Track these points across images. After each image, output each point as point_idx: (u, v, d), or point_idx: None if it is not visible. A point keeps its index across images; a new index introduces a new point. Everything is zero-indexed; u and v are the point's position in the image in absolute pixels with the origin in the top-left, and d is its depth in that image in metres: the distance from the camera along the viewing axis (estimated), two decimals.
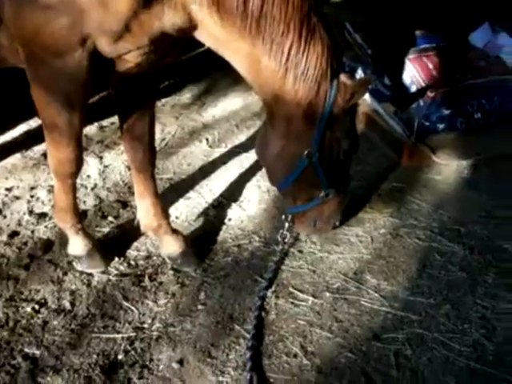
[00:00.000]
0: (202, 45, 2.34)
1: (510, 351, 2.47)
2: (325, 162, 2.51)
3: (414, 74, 3.93)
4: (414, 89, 3.86)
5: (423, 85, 3.86)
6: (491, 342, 2.50)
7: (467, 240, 3.11)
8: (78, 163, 2.58)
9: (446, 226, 3.23)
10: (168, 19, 2.05)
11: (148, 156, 2.77)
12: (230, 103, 4.68)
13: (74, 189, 2.76)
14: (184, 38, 2.20)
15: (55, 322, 2.60)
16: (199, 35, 2.19)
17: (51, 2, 1.99)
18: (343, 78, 2.32)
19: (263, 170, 3.66)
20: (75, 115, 2.36)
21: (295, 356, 2.45)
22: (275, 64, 2.19)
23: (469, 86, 3.85)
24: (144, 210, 2.96)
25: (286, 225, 2.90)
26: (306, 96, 2.27)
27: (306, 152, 2.45)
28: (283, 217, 2.97)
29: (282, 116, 2.37)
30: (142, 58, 2.20)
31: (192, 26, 2.13)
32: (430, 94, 3.75)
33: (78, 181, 3.07)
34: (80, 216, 2.92)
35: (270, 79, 2.24)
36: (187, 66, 4.94)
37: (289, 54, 2.17)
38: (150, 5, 2.00)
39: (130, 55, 2.17)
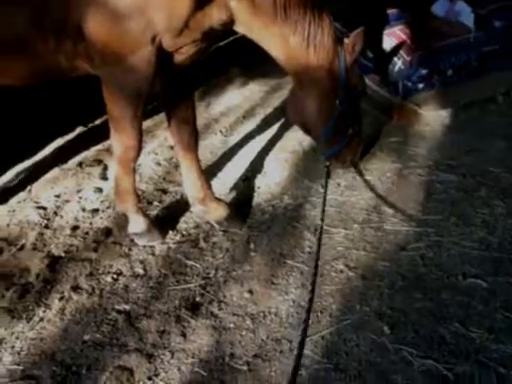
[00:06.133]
0: None
1: (509, 240, 3.12)
2: (350, 105, 3.15)
3: (391, 45, 4.59)
4: (393, 59, 4.52)
5: (401, 53, 4.51)
6: (493, 236, 3.14)
7: (459, 169, 3.77)
8: (140, 148, 3.08)
9: (439, 162, 3.89)
10: (216, 16, 2.64)
11: (193, 135, 3.31)
12: (231, 99, 5.26)
13: (134, 172, 3.25)
14: (224, 31, 2.78)
15: (134, 285, 3.04)
16: (238, 27, 2.80)
17: (129, 13, 2.54)
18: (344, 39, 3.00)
19: (277, 145, 4.28)
20: (140, 107, 2.88)
21: (341, 271, 3.02)
22: (300, 39, 2.84)
23: (439, 47, 4.52)
24: (191, 184, 3.47)
25: (328, 164, 3.40)
26: (326, 60, 2.94)
27: (338, 101, 3.06)
28: (323, 159, 3.53)
29: (311, 80, 3.02)
30: (193, 50, 2.78)
31: (232, 20, 2.73)
32: (407, 58, 4.42)
33: None
34: (138, 196, 3.41)
35: (297, 53, 2.89)
36: None
37: (309, 29, 2.82)
38: (203, 5, 2.58)
39: (185, 48, 2.75)
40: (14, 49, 2.71)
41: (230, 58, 5.71)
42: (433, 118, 4.48)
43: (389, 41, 4.62)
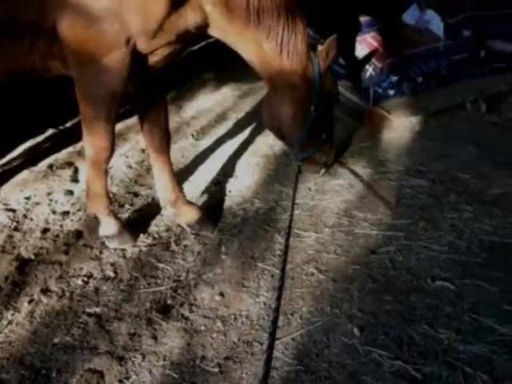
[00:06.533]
0: None
1: (476, 244, 3.18)
2: (324, 110, 3.19)
3: (362, 52, 4.66)
4: (365, 66, 4.60)
5: (373, 60, 4.58)
6: (461, 240, 3.21)
7: (429, 175, 3.84)
8: (112, 150, 3.08)
9: (409, 167, 3.96)
10: (190, 18, 2.66)
11: (165, 138, 3.31)
12: (203, 103, 5.28)
13: (105, 174, 3.24)
14: (199, 33, 2.79)
15: (105, 287, 3.02)
16: (212, 31, 2.81)
17: (104, 15, 2.54)
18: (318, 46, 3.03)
19: (249, 149, 4.30)
20: (113, 109, 2.88)
21: (312, 274, 3.04)
22: (274, 45, 2.87)
23: (409, 55, 4.63)
24: (163, 186, 3.47)
25: (296, 169, 3.40)
26: (300, 65, 2.96)
27: (312, 107, 3.08)
28: (294, 163, 3.56)
29: (286, 86, 3.04)
30: (168, 52, 2.79)
31: (207, 23, 2.74)
32: (378, 64, 4.50)
33: None
34: (110, 198, 3.38)
35: (271, 58, 2.91)
36: None
37: (282, 35, 2.85)
38: (178, 7, 2.60)
39: (159, 50, 2.75)
40: None
41: (203, 61, 5.73)
42: (403, 124, 4.54)
43: (360, 48, 4.69)
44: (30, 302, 2.93)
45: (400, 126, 4.51)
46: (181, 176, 3.96)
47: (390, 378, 2.41)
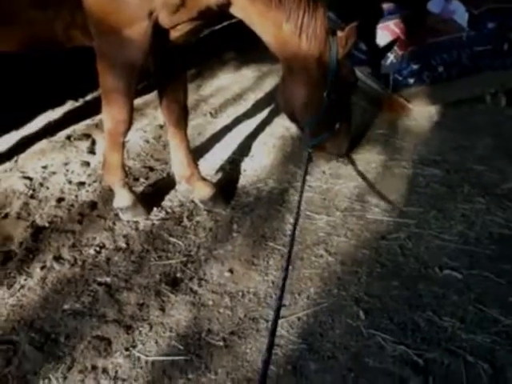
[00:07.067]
0: None
1: (486, 236, 3.19)
2: (339, 98, 3.15)
3: (385, 39, 4.64)
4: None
5: (395, 47, 4.56)
6: (471, 230, 3.21)
7: (443, 165, 3.83)
8: (130, 123, 3.11)
9: (424, 156, 3.95)
10: None
11: (183, 114, 3.34)
12: (222, 82, 5.30)
13: (122, 147, 3.28)
14: (221, 12, 2.80)
15: (116, 258, 3.07)
16: (233, 10, 2.81)
17: None
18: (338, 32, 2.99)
19: (266, 130, 4.32)
20: (133, 80, 2.92)
21: (321, 256, 3.07)
22: (293, 27, 2.84)
23: (431, 44, 4.60)
24: (178, 162, 3.51)
25: (306, 154, 3.34)
26: (317, 49, 2.94)
27: (325, 93, 3.07)
28: (304, 148, 3.54)
29: (301, 68, 3.01)
30: (189, 28, 2.81)
31: (229, 2, 2.74)
32: (400, 52, 4.48)
33: None
34: (126, 171, 3.42)
35: (290, 40, 2.89)
36: None
37: (303, 18, 2.83)
38: None
39: (181, 26, 2.77)
40: (14, 16, 2.72)
41: (225, 41, 5.74)
42: (421, 113, 4.53)
43: (383, 35, 4.66)
44: (42, 268, 2.99)
45: (418, 115, 4.50)
46: (197, 153, 3.99)
47: (391, 361, 2.44)
